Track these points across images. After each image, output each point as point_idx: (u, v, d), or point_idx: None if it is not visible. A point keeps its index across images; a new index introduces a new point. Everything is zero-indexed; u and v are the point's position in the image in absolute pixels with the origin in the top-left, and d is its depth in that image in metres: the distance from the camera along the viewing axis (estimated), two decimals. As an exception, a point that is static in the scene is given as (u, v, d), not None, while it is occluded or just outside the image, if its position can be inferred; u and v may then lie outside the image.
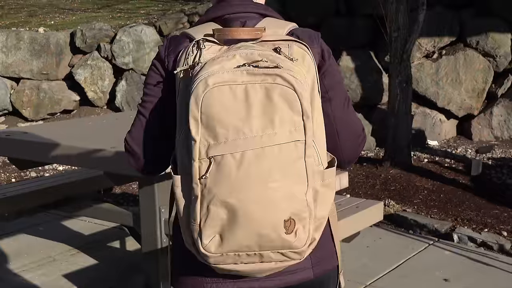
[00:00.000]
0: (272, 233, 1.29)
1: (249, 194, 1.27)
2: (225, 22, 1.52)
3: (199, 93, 1.28)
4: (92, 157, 3.08)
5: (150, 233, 3.20)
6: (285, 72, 1.30)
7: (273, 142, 1.28)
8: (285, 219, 1.29)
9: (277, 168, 1.28)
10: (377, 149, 6.93)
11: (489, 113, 7.02)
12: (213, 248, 1.30)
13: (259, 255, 1.32)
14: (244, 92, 1.29)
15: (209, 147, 1.28)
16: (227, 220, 1.28)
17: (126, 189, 5.90)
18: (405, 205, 5.11)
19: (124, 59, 8.28)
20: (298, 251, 1.33)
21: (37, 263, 4.22)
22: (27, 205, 3.94)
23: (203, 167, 1.29)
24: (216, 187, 1.28)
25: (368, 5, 7.08)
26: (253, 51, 1.34)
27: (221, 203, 1.28)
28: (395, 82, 6.16)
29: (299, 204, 1.30)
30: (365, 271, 3.97)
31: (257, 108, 1.28)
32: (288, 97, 1.29)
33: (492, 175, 5.79)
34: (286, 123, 1.29)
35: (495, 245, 4.32)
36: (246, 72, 1.30)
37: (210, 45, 1.41)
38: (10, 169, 6.68)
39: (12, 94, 8.28)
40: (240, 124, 1.28)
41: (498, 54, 7.00)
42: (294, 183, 1.30)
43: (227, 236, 1.29)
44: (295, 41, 1.43)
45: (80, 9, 10.97)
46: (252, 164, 1.27)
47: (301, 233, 1.31)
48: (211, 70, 1.30)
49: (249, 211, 1.27)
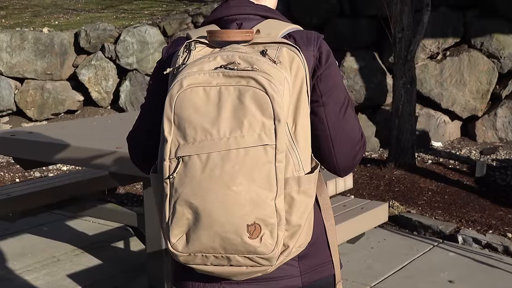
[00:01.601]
0: (234, 237, 1.27)
1: (212, 196, 1.27)
2: (224, 24, 1.53)
3: (173, 94, 1.30)
4: (97, 157, 3.09)
5: (155, 233, 3.20)
6: (259, 74, 1.28)
7: (239, 145, 1.26)
8: (248, 224, 1.27)
9: (242, 172, 1.26)
10: (381, 150, 6.92)
11: (493, 115, 7.01)
12: (180, 248, 1.31)
13: (226, 258, 1.31)
14: (217, 94, 1.29)
15: (178, 147, 1.29)
16: (192, 220, 1.29)
17: (130, 189, 5.90)
18: (409, 206, 5.10)
19: (128, 60, 8.28)
20: (266, 257, 1.29)
21: (41, 263, 4.22)
22: (31, 205, 3.94)
23: (172, 166, 1.30)
24: (182, 187, 1.29)
25: (373, 6, 7.07)
26: (234, 53, 1.33)
27: (185, 203, 1.28)
28: (399, 83, 6.16)
29: (265, 209, 1.27)
30: (370, 272, 3.97)
31: (228, 110, 1.28)
32: (260, 100, 1.27)
33: (497, 176, 5.78)
34: (256, 126, 1.27)
35: (500, 247, 4.31)
36: (222, 74, 1.30)
37: (202, 47, 1.41)
38: (14, 169, 6.69)
39: (16, 94, 8.29)
40: (208, 126, 1.28)
41: (502, 55, 6.99)
42: (260, 188, 1.27)
43: (192, 237, 1.30)
44: (286, 43, 1.41)
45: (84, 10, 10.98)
46: (217, 166, 1.27)
47: (267, 239, 1.28)
48: (189, 71, 1.31)
49: (211, 213, 1.27)
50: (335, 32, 7.27)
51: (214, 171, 1.26)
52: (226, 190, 1.26)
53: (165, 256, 3.20)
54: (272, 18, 1.54)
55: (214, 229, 1.27)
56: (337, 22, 7.46)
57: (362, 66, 7.21)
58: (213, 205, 1.27)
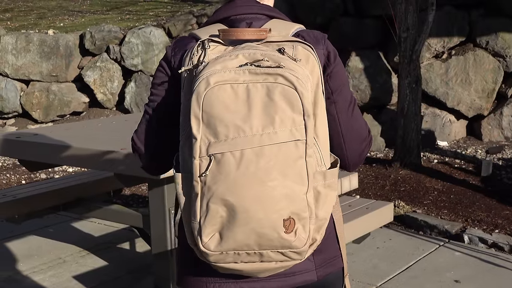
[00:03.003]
0: (271, 232, 1.29)
1: (248, 192, 1.28)
2: (231, 23, 1.54)
3: (200, 92, 1.29)
4: (102, 158, 3.09)
5: (160, 234, 3.21)
6: (287, 71, 1.30)
7: (272, 141, 1.28)
8: (284, 218, 1.29)
9: (276, 167, 1.28)
10: (387, 150, 6.91)
11: (499, 114, 6.99)
12: (213, 246, 1.31)
13: (258, 254, 1.32)
14: (245, 91, 1.30)
15: (209, 145, 1.29)
16: (226, 218, 1.29)
17: (136, 190, 5.91)
18: (415, 206, 5.09)
19: (133, 61, 8.29)
20: (298, 251, 1.32)
21: (47, 265, 4.23)
22: (37, 206, 3.95)
23: (203, 165, 1.29)
24: (216, 185, 1.28)
25: (377, 6, 7.06)
26: (256, 51, 1.35)
27: (220, 201, 1.28)
28: (404, 83, 6.15)
29: (299, 203, 1.30)
30: (376, 272, 3.96)
31: (258, 107, 1.29)
32: (289, 97, 1.29)
33: (503, 175, 5.76)
34: (287, 122, 1.29)
35: (506, 246, 4.29)
36: (248, 71, 1.31)
37: (215, 45, 1.42)
38: (20, 171, 6.71)
39: (22, 96, 8.32)
40: (240, 123, 1.28)
41: (508, 54, 6.97)
42: (293, 183, 1.30)
43: (226, 234, 1.30)
44: (299, 41, 1.43)
45: (89, 11, 11.01)
46: (252, 163, 1.28)
47: (301, 232, 1.31)
48: (213, 69, 1.31)
49: (248, 209, 1.28)
50: (339, 31, 7.26)
51: (249, 168, 1.27)
52: (262, 186, 1.28)
53: (170, 257, 3.20)
54: (276, 17, 1.56)
55: (251, 225, 1.28)
56: (342, 21, 7.45)
57: (367, 66, 7.20)
58: (250, 202, 1.28)
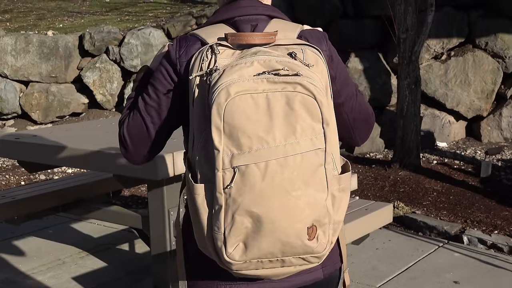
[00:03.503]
0: (295, 240, 1.30)
1: (274, 203, 1.28)
2: (235, 25, 1.51)
3: (221, 102, 1.27)
4: (101, 159, 3.09)
5: (159, 235, 3.21)
6: (304, 80, 1.30)
7: (295, 151, 1.28)
8: (308, 226, 1.30)
9: (300, 177, 1.29)
10: (386, 151, 6.91)
11: (498, 115, 6.99)
12: (237, 256, 1.31)
13: (281, 260, 1.33)
14: (265, 100, 1.28)
15: (232, 156, 1.27)
16: (251, 228, 1.29)
17: (135, 191, 5.91)
18: (414, 207, 5.09)
19: (132, 62, 8.30)
20: (318, 256, 1.34)
21: (46, 266, 4.23)
22: (36, 208, 3.94)
23: (227, 177, 1.28)
24: (241, 197, 1.27)
25: (377, 7, 7.06)
26: (271, 58, 1.33)
27: (246, 212, 1.28)
28: (403, 84, 6.15)
29: (320, 210, 1.31)
30: (375, 273, 3.96)
31: (279, 117, 1.28)
32: (308, 105, 1.29)
33: (502, 176, 5.76)
34: (308, 131, 1.29)
35: (506, 247, 4.29)
36: (266, 80, 1.29)
37: (223, 49, 1.40)
38: (19, 172, 6.70)
39: (21, 97, 8.32)
40: (263, 134, 1.27)
41: (507, 55, 6.97)
42: (315, 191, 1.31)
43: (252, 244, 1.30)
44: (308, 45, 1.43)
45: (88, 12, 11.01)
46: (277, 174, 1.27)
47: (322, 238, 1.33)
48: (231, 78, 1.29)
49: (274, 220, 1.28)
50: (339, 33, 7.27)
51: (274, 179, 1.27)
52: (287, 196, 1.28)
53: (169, 258, 3.20)
54: (277, 17, 1.55)
55: (276, 235, 1.29)
56: (341, 23, 7.46)
57: (367, 67, 7.20)
58: (275, 212, 1.28)
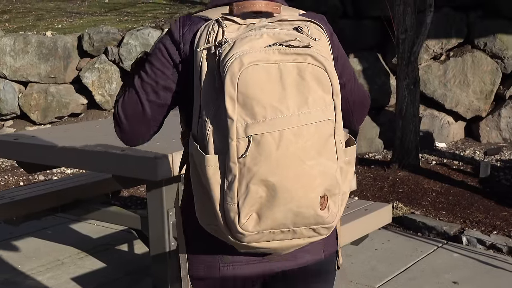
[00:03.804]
0: (308, 210, 1.31)
1: (288, 172, 1.28)
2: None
3: (235, 72, 1.27)
4: (100, 160, 3.09)
5: (158, 236, 3.21)
6: (315, 51, 1.31)
7: (309, 121, 1.29)
8: (320, 196, 1.31)
9: (313, 146, 1.30)
10: (385, 151, 6.91)
11: (497, 115, 7.00)
12: (251, 227, 1.30)
13: (292, 231, 1.33)
14: (277, 71, 1.29)
15: (247, 126, 1.27)
16: (265, 198, 1.29)
17: (134, 192, 5.91)
18: (413, 208, 5.09)
19: (131, 62, 8.28)
20: (327, 226, 1.35)
21: (45, 266, 4.23)
22: (35, 208, 3.94)
23: (241, 146, 1.27)
24: (257, 166, 1.27)
25: (376, 7, 7.06)
26: (280, 31, 1.35)
27: (260, 181, 1.28)
28: (402, 84, 6.15)
29: (331, 180, 1.33)
30: (374, 273, 3.96)
31: (292, 87, 1.29)
32: (319, 76, 1.31)
33: (501, 177, 5.77)
34: (319, 102, 1.31)
35: (505, 248, 4.29)
36: (277, 51, 1.30)
37: (229, 23, 1.40)
38: (18, 173, 6.70)
39: (20, 97, 8.31)
40: (277, 103, 1.28)
41: (506, 55, 6.98)
42: (327, 160, 1.32)
43: (266, 214, 1.30)
44: (311, 21, 1.44)
45: (87, 13, 11.00)
46: (291, 143, 1.28)
47: (332, 208, 1.34)
48: (242, 49, 1.29)
49: (289, 189, 1.28)
50: (338, 33, 7.24)
51: (289, 148, 1.28)
52: (301, 166, 1.29)
53: (168, 258, 3.20)
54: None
55: (290, 204, 1.29)
56: (340, 23, 7.45)
57: (366, 67, 7.21)
58: (291, 181, 1.28)
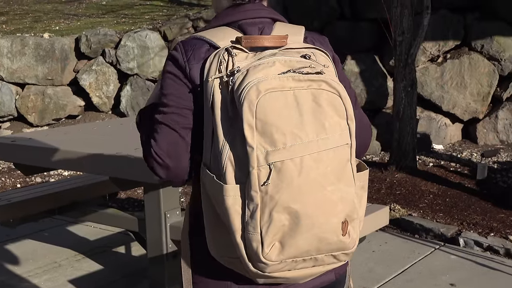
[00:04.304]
0: (332, 236, 1.31)
1: (310, 198, 1.28)
2: (242, 28, 1.50)
3: (252, 100, 1.27)
4: (97, 162, 3.09)
5: (155, 238, 3.20)
6: (328, 77, 1.33)
7: (327, 146, 1.30)
8: (342, 221, 1.31)
9: (333, 172, 1.30)
10: (382, 153, 6.91)
11: (494, 117, 7.01)
12: (274, 256, 1.29)
13: (314, 259, 1.33)
14: (293, 97, 1.30)
15: (267, 153, 1.26)
16: (288, 226, 1.28)
17: (132, 194, 5.90)
18: (410, 209, 5.09)
19: (128, 64, 8.29)
20: (348, 252, 1.35)
21: (42, 269, 4.22)
22: (32, 210, 3.93)
23: (262, 174, 1.26)
24: (279, 194, 1.26)
25: (373, 9, 7.07)
26: (291, 58, 1.36)
27: (284, 209, 1.27)
28: (399, 86, 6.15)
29: (350, 205, 1.33)
30: (372, 275, 3.96)
31: (308, 113, 1.29)
32: (333, 102, 1.32)
33: (498, 179, 5.77)
34: (335, 127, 1.31)
35: (502, 249, 4.30)
36: (292, 78, 1.30)
37: (238, 52, 1.39)
38: (15, 175, 6.69)
39: (17, 99, 8.31)
40: (296, 129, 1.28)
41: (503, 57, 6.99)
42: (345, 185, 1.32)
43: (289, 243, 1.28)
44: (317, 48, 1.45)
45: (84, 15, 11.00)
46: (312, 169, 1.28)
47: (353, 233, 1.34)
48: (257, 76, 1.30)
49: (311, 216, 1.28)
50: (335, 35, 7.27)
51: (310, 174, 1.28)
52: (322, 192, 1.29)
53: (166, 260, 3.19)
54: (279, 20, 1.56)
55: (313, 231, 1.29)
56: (338, 25, 7.47)
57: (363, 70, 7.21)
58: (313, 208, 1.28)
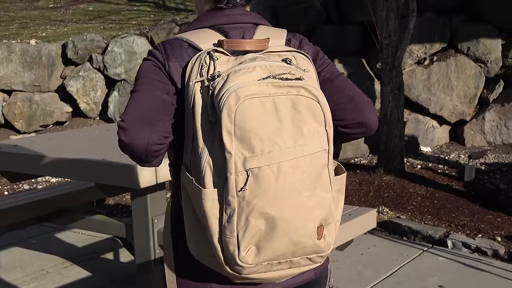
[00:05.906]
0: (307, 240, 1.33)
1: (287, 204, 1.30)
2: (223, 30, 1.51)
3: (231, 106, 1.28)
4: (84, 168, 3.07)
5: (143, 244, 3.19)
6: (307, 83, 1.33)
7: (304, 152, 1.31)
8: (317, 226, 1.34)
9: (309, 177, 1.32)
10: (370, 156, 6.93)
11: (481, 119, 7.04)
12: (250, 259, 1.31)
13: (289, 261, 1.35)
14: (272, 104, 1.31)
15: (245, 159, 1.28)
16: (264, 230, 1.30)
17: (120, 200, 5.88)
18: (398, 212, 5.11)
19: (116, 70, 8.27)
20: (323, 255, 1.37)
21: (30, 276, 4.19)
22: (19, 217, 3.91)
23: (240, 180, 1.28)
24: (256, 199, 1.28)
25: (359, 13, 7.10)
26: (271, 63, 1.36)
27: (260, 214, 1.29)
28: (387, 89, 6.18)
29: (327, 210, 1.35)
30: (360, 278, 3.97)
31: (287, 119, 1.31)
32: (312, 108, 1.33)
33: (485, 180, 5.80)
34: (313, 133, 1.33)
35: (489, 251, 4.31)
36: (271, 84, 1.32)
37: (219, 55, 1.40)
38: (2, 182, 6.65)
39: (4, 106, 8.26)
40: (274, 136, 1.29)
41: (489, 59, 7.03)
42: (322, 191, 1.34)
43: (265, 246, 1.31)
44: (298, 52, 1.46)
45: (71, 21, 10.97)
46: (288, 175, 1.29)
47: (328, 237, 1.36)
48: (237, 82, 1.30)
49: (288, 220, 1.30)
50: (322, 39, 7.29)
51: (287, 180, 1.30)
52: (299, 197, 1.31)
53: (154, 266, 3.18)
54: (261, 24, 1.57)
55: (289, 235, 1.31)
56: (324, 29, 7.49)
57: (350, 73, 7.23)
58: (289, 213, 1.30)
